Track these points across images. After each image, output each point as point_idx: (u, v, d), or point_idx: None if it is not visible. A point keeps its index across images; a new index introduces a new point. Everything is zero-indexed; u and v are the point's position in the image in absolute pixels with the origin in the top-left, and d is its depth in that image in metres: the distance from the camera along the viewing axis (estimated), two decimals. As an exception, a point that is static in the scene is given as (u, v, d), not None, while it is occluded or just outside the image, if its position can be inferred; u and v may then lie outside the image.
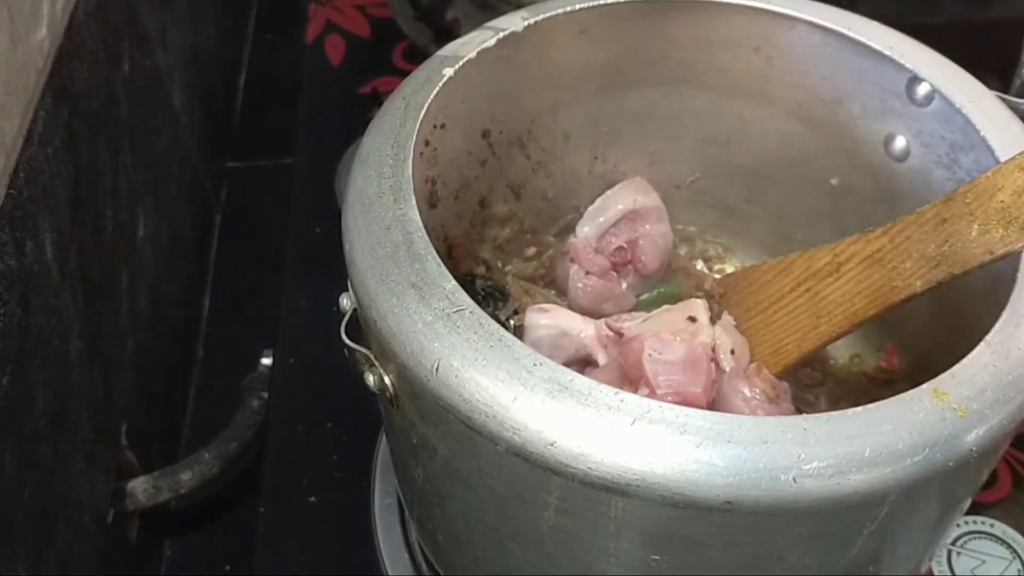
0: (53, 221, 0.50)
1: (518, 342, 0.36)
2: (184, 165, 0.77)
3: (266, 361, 0.68)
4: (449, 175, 0.50)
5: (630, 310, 0.55)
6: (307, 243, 0.73)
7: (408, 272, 0.38)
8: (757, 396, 0.46)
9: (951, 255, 0.41)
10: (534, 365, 0.35)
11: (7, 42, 0.48)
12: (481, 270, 0.56)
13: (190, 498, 0.62)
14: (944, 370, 0.35)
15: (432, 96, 0.45)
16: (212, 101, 0.88)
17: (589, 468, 0.33)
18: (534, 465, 0.34)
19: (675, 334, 0.46)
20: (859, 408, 0.34)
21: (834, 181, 0.54)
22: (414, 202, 0.40)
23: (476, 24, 0.50)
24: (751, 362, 0.48)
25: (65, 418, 0.51)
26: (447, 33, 0.84)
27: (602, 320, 0.50)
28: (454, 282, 0.37)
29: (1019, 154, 0.39)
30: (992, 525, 0.57)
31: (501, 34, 0.48)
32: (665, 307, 0.49)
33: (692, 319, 0.47)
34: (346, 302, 0.41)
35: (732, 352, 0.48)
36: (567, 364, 0.47)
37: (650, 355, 0.45)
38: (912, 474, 0.33)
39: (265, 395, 0.66)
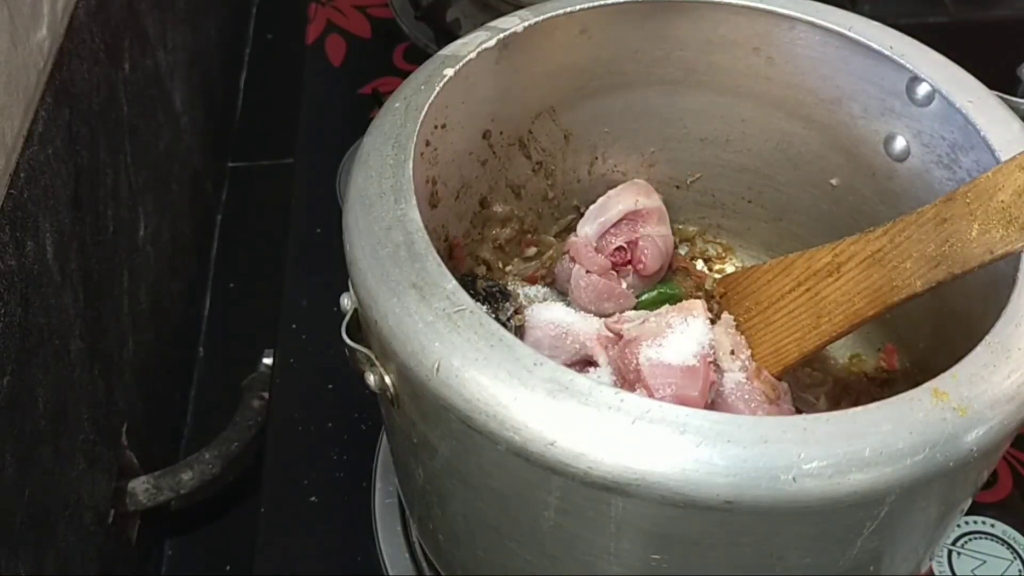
0: (53, 221, 0.50)
1: (518, 342, 0.36)
2: (184, 165, 0.78)
3: (267, 361, 0.68)
4: (449, 175, 0.50)
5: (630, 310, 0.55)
6: (307, 243, 0.73)
7: (409, 272, 0.38)
8: (757, 396, 0.46)
9: (951, 255, 0.41)
10: (534, 365, 0.35)
11: (7, 42, 0.48)
12: (481, 270, 0.56)
13: (191, 498, 0.62)
14: (944, 370, 0.35)
15: (433, 96, 0.45)
16: (212, 101, 0.88)
17: (589, 468, 0.33)
18: (534, 465, 0.34)
19: (674, 336, 0.46)
20: (859, 408, 0.34)
21: (834, 181, 0.54)
22: (415, 202, 0.40)
23: (476, 24, 0.50)
24: (751, 362, 0.48)
25: (65, 418, 0.51)
26: (448, 33, 0.84)
27: (602, 320, 0.50)
28: (454, 282, 0.37)
29: (1019, 154, 0.39)
30: (992, 525, 0.57)
31: (501, 34, 0.48)
32: (665, 307, 0.49)
33: (692, 320, 0.47)
34: (347, 302, 0.41)
35: (732, 352, 0.48)
36: (567, 364, 0.47)
37: (648, 358, 0.45)
38: (912, 474, 0.33)
39: (265, 395, 0.66)
